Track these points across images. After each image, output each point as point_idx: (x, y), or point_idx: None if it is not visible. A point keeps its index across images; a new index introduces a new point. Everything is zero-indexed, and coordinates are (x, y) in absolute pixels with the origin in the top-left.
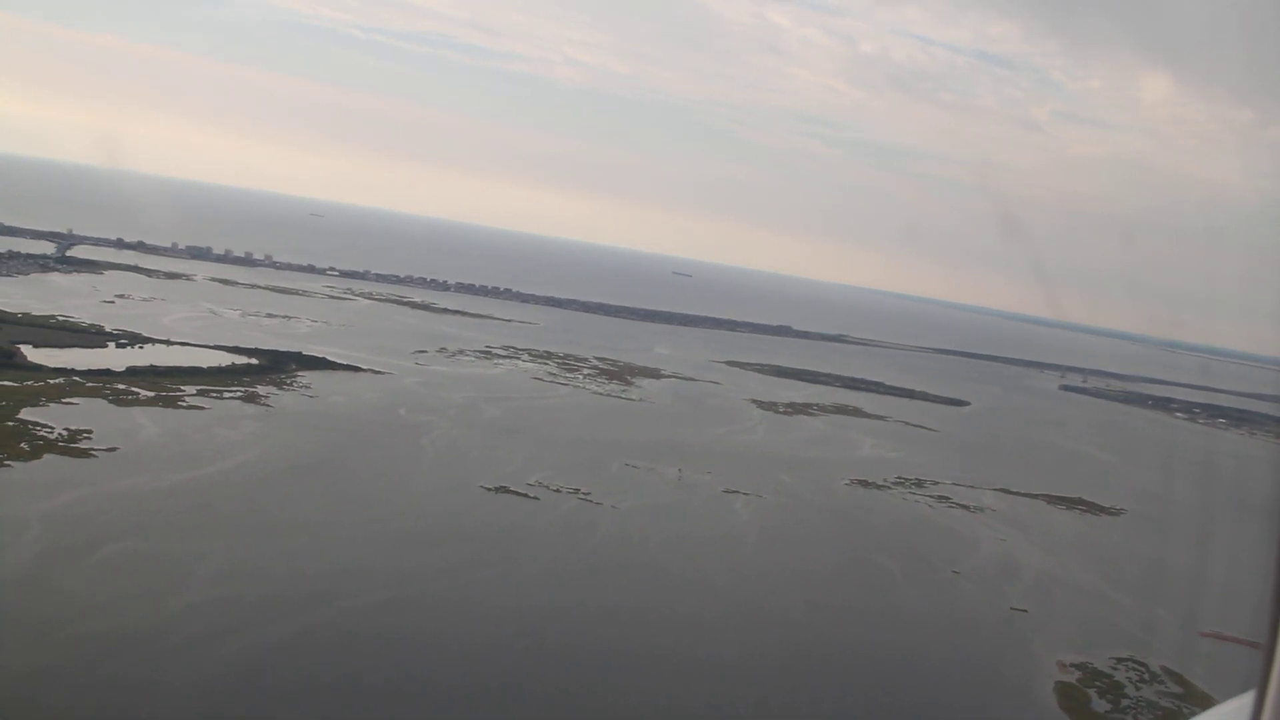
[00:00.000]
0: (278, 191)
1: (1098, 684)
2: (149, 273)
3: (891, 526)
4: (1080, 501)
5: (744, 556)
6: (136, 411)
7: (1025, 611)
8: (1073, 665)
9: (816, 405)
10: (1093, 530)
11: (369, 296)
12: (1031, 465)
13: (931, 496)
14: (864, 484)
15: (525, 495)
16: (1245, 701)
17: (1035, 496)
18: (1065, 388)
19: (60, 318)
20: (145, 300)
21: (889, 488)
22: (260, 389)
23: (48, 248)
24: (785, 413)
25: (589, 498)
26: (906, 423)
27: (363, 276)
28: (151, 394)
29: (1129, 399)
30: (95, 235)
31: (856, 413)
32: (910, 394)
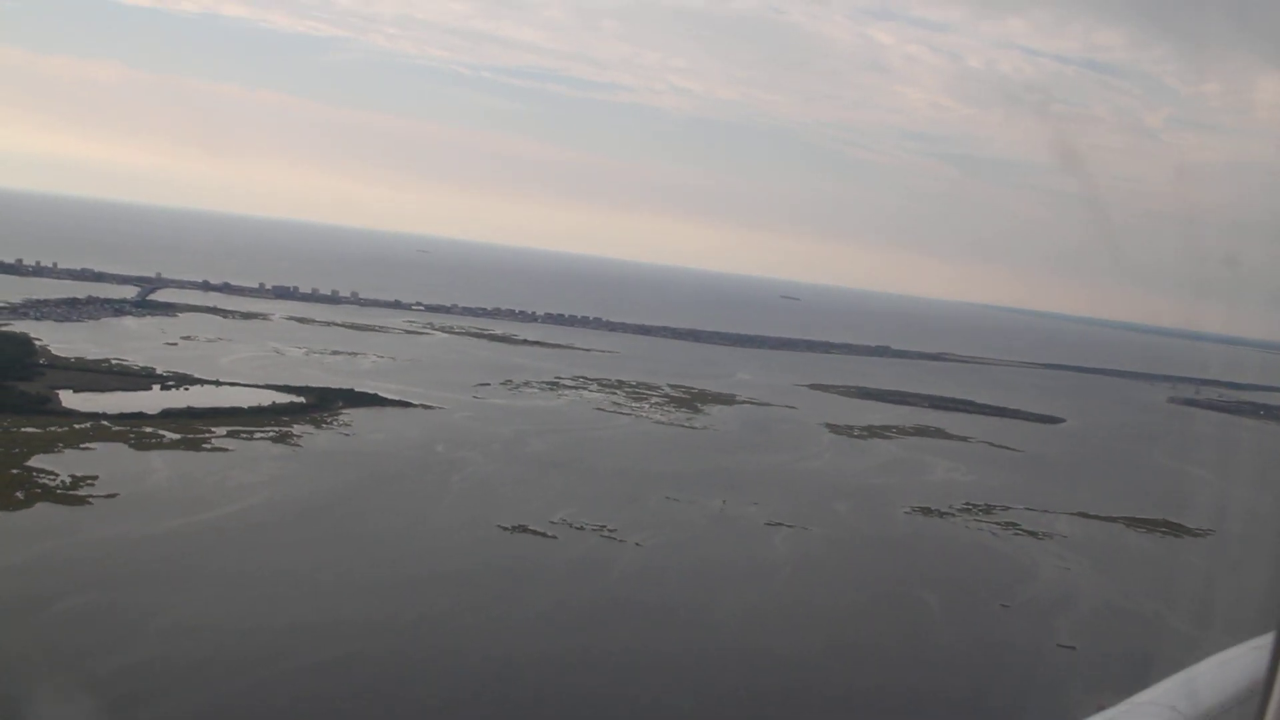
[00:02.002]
0: (389, 229)
1: None
2: (225, 313)
3: (944, 557)
4: (1164, 523)
5: (767, 594)
6: (154, 455)
7: (1073, 649)
8: None
9: (895, 428)
10: (1170, 555)
11: (449, 330)
12: (1118, 485)
13: (998, 523)
14: (925, 511)
15: (544, 534)
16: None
17: (1114, 520)
18: (1174, 400)
19: (114, 361)
20: (210, 341)
21: (952, 515)
22: (296, 428)
23: (132, 292)
24: (859, 437)
25: (613, 535)
26: (990, 443)
27: (448, 310)
28: (177, 437)
29: (1242, 410)
30: (182, 278)
31: (938, 434)
32: (1002, 412)
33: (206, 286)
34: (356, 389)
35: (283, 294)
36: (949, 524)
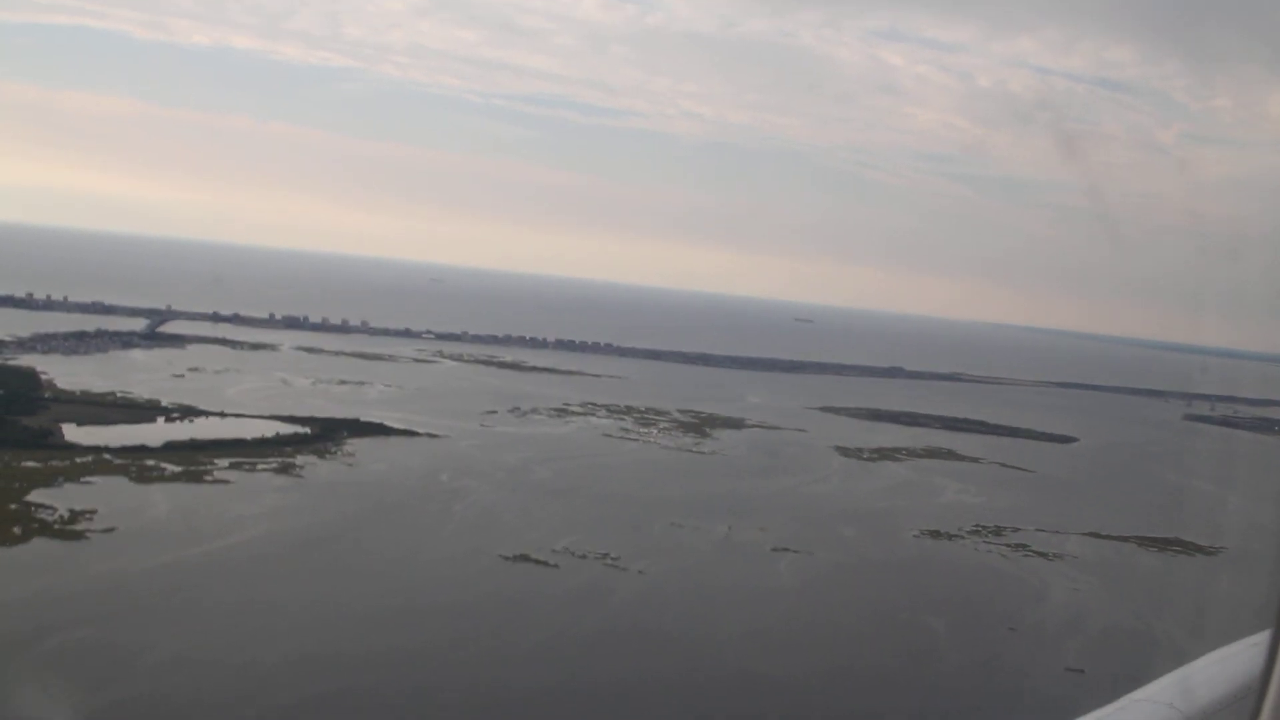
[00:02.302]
0: (403, 258)
1: None
2: (234, 344)
3: (952, 580)
4: (1176, 542)
5: (770, 620)
6: (155, 488)
7: (1081, 672)
8: None
9: (906, 449)
10: (1182, 573)
11: (459, 358)
12: (1130, 505)
13: (1007, 545)
14: (934, 534)
15: (545, 563)
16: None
17: (1126, 539)
18: (1190, 417)
19: (120, 394)
20: (217, 372)
21: (961, 537)
22: (299, 459)
23: (141, 324)
24: (869, 459)
25: (616, 563)
26: (1002, 464)
27: (459, 338)
28: (179, 469)
29: (1258, 426)
30: (192, 310)
31: (949, 455)
32: (1014, 432)
33: (216, 318)
34: (362, 418)
35: (292, 324)
36: (958, 546)
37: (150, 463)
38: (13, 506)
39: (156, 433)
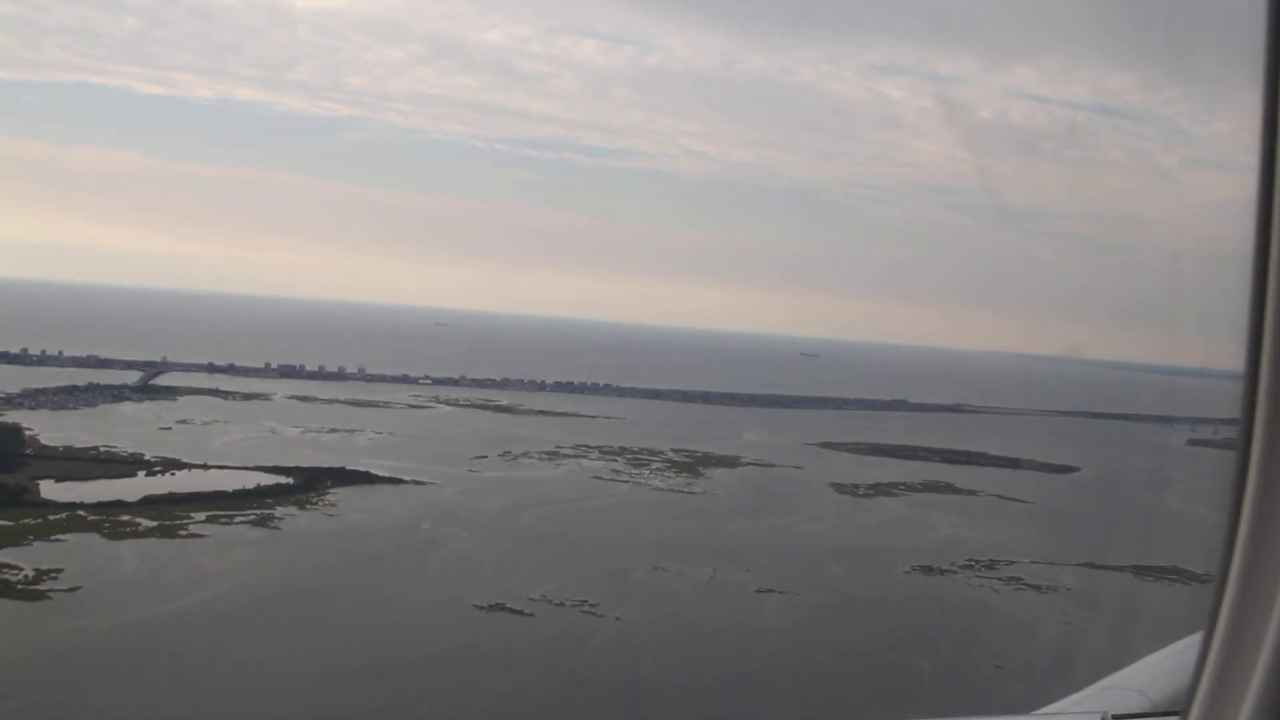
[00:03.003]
0: (409, 304)
1: None
2: (226, 395)
3: (940, 618)
4: (1172, 570)
5: (748, 665)
6: (126, 545)
7: None
8: None
9: (903, 484)
10: (1178, 602)
11: (454, 403)
12: (1129, 534)
13: (999, 578)
14: (926, 570)
15: (520, 612)
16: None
17: (1122, 569)
18: (1194, 442)
19: (103, 448)
20: (205, 424)
21: (953, 572)
22: (278, 510)
23: (135, 377)
24: (864, 495)
25: (594, 610)
26: (1000, 496)
27: (457, 383)
28: (153, 524)
29: None
30: (187, 361)
31: (947, 489)
32: (1014, 463)
33: (212, 368)
34: (348, 467)
35: (288, 373)
36: (949, 582)
37: (125, 518)
38: None
39: (135, 487)
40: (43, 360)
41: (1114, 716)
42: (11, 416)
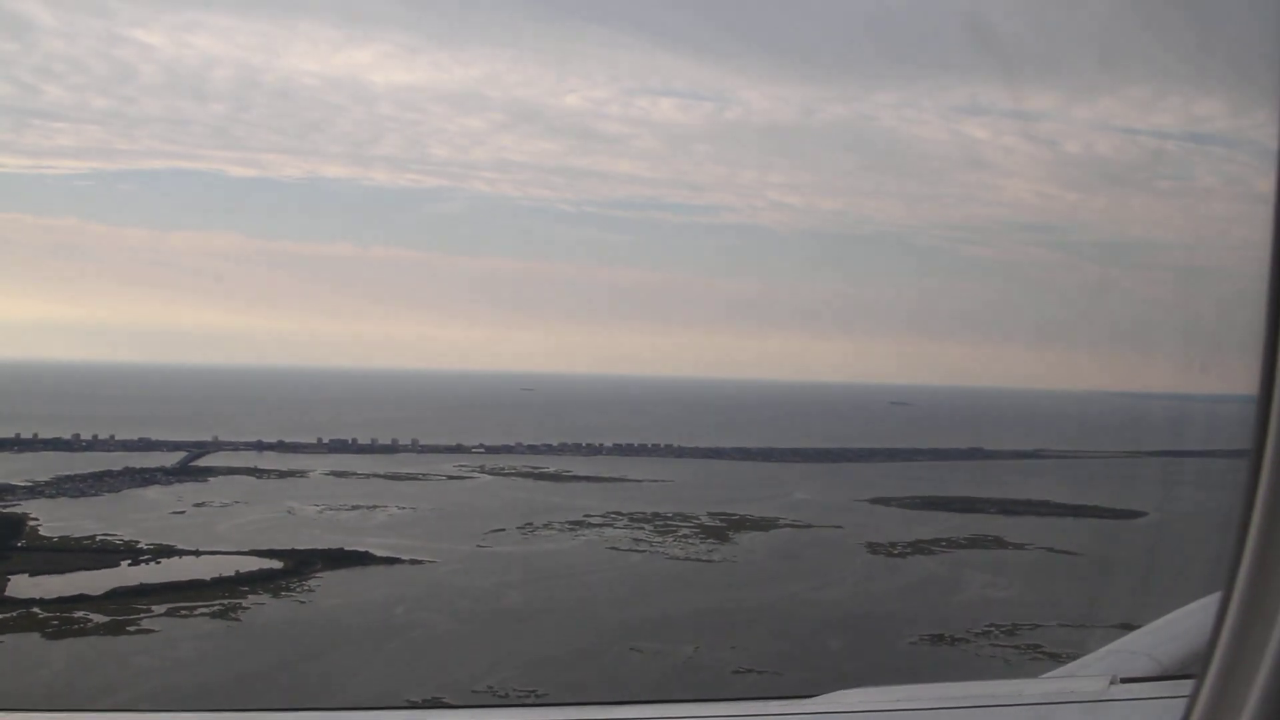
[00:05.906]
0: (499, 369)
1: None
2: (261, 474)
3: None
4: None
5: None
6: (61, 645)
7: None
8: None
9: (946, 540)
10: None
11: (499, 472)
12: (1180, 587)
13: (1017, 646)
14: (937, 639)
15: (454, 705)
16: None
17: None
18: None
19: (99, 537)
20: (223, 506)
21: (967, 641)
22: (249, 599)
23: (177, 459)
24: (898, 555)
25: (543, 699)
26: (1049, 549)
27: (511, 450)
28: (105, 619)
29: None
30: (236, 440)
31: (994, 544)
32: (1078, 511)
33: (260, 446)
34: (346, 547)
35: (337, 447)
36: (959, 652)
37: (78, 614)
38: None
39: (109, 578)
40: (90, 445)
41: (1123, 680)
42: (27, 506)
